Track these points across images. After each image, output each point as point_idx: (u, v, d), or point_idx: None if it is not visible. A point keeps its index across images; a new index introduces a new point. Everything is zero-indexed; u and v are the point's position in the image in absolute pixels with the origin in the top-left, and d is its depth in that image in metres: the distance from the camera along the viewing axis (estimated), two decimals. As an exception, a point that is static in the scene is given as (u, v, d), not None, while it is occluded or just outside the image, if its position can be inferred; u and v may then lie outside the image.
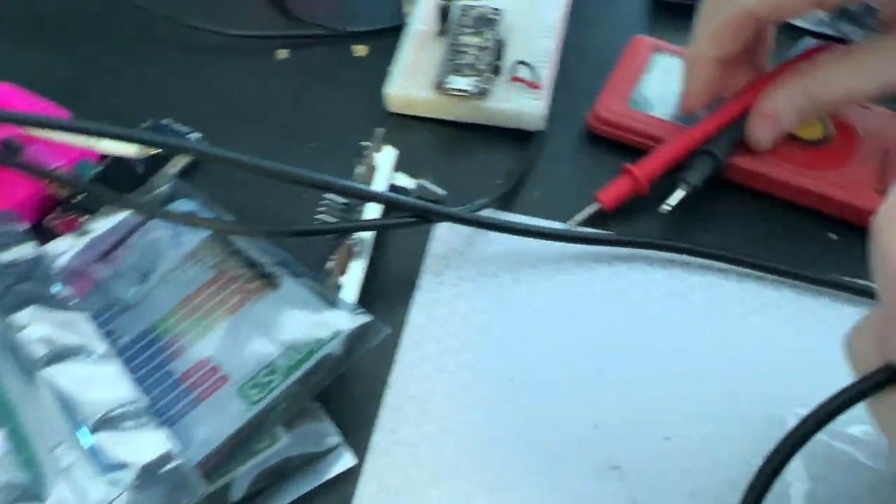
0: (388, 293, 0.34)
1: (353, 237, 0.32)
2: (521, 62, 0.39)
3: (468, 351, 0.32)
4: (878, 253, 0.22)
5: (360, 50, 0.43)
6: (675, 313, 0.33)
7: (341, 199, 0.33)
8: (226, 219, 0.33)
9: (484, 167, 0.38)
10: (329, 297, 0.30)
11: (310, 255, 0.32)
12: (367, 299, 0.32)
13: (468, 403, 0.30)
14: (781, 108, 0.35)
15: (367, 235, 0.33)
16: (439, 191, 0.36)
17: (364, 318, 0.29)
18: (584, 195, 0.37)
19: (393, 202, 0.32)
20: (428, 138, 0.39)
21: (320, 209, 0.33)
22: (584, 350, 0.32)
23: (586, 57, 0.44)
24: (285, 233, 0.30)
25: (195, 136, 0.38)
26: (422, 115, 0.40)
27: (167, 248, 0.32)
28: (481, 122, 0.39)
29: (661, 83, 0.40)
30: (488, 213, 0.36)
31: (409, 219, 0.32)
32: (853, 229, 0.36)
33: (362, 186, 0.32)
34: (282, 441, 0.28)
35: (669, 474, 0.29)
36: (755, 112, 0.35)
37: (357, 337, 0.28)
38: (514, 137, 0.39)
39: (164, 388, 0.28)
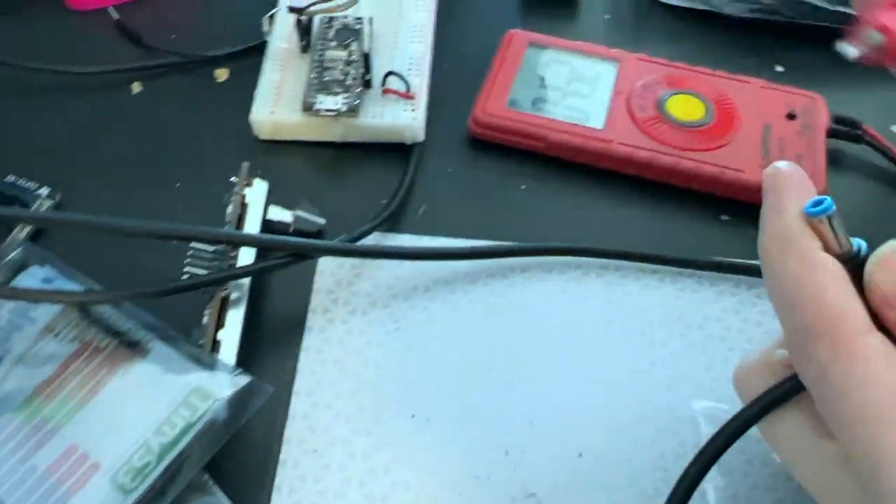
0: (274, 340, 0.31)
1: (228, 286, 0.30)
2: (391, 73, 0.37)
3: (366, 391, 0.30)
4: (770, 278, 0.21)
5: (222, 74, 0.41)
6: (576, 321, 0.32)
7: (210, 247, 0.30)
8: (83, 284, 0.30)
9: (366, 187, 0.36)
10: (204, 360, 0.27)
11: (184, 310, 0.30)
12: (252, 351, 0.30)
13: (370, 449, 0.29)
14: None
15: (244, 281, 0.30)
16: (318, 220, 0.34)
17: (243, 380, 0.26)
18: (471, 205, 0.36)
19: (265, 244, 0.30)
20: (303, 163, 0.37)
21: (188, 260, 0.30)
22: (486, 372, 0.31)
23: (462, 57, 0.42)
24: (147, 294, 0.28)
25: (44, 191, 0.35)
26: (294, 138, 0.37)
27: (19, 324, 0.29)
28: (357, 139, 0.37)
29: (538, 78, 0.39)
30: (374, 238, 0.34)
31: (284, 259, 0.30)
32: (744, 207, 0.36)
33: (228, 232, 0.30)
34: (171, 523, 0.26)
35: (586, 493, 0.28)
36: None
37: (238, 401, 0.26)
38: (395, 151, 0.37)
39: (27, 487, 0.25)
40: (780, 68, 0.43)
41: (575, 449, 0.29)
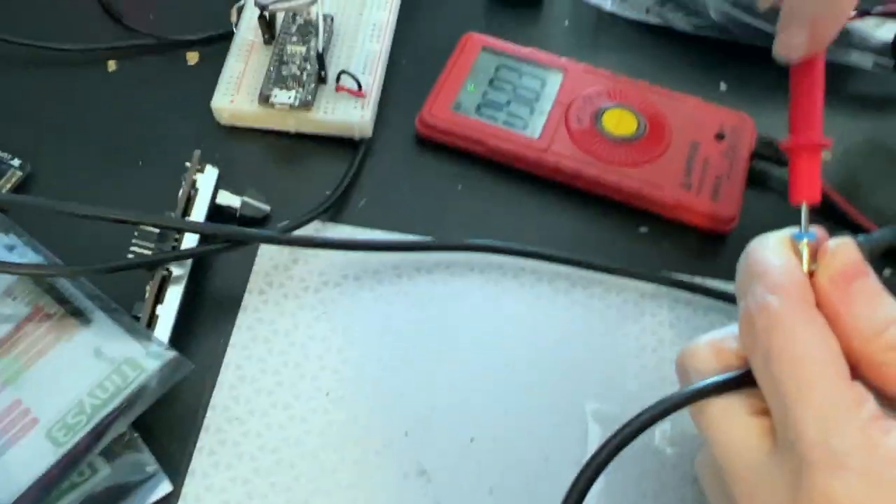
0: (211, 315, 0.34)
1: (168, 265, 0.33)
2: (343, 72, 0.39)
3: (288, 369, 0.33)
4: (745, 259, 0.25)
5: (193, 57, 0.43)
6: (488, 318, 0.35)
7: (156, 228, 0.33)
8: (41, 254, 0.33)
9: (313, 177, 0.39)
10: (140, 333, 0.31)
11: (128, 284, 0.33)
12: (188, 325, 0.33)
13: (286, 420, 0.32)
14: None
15: (186, 261, 0.34)
16: (264, 207, 0.37)
17: (170, 355, 0.30)
18: (408, 201, 0.39)
19: (203, 231, 0.33)
20: (257, 150, 0.40)
21: (135, 239, 0.33)
22: (398, 359, 0.34)
23: (421, 55, 0.44)
24: (94, 271, 0.31)
25: (16, 161, 0.38)
26: (251, 126, 0.40)
27: (-19, 287, 0.32)
28: (309, 132, 0.40)
29: (486, 83, 0.41)
30: (315, 226, 0.37)
31: (221, 245, 0.33)
32: (662, 221, 0.39)
33: (170, 219, 0.33)
34: (102, 472, 0.30)
35: (472, 474, 0.31)
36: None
37: (165, 373, 0.29)
38: (344, 145, 0.40)
39: (-26, 434, 0.29)
40: (724, 86, 0.45)
41: (469, 433, 0.32)
